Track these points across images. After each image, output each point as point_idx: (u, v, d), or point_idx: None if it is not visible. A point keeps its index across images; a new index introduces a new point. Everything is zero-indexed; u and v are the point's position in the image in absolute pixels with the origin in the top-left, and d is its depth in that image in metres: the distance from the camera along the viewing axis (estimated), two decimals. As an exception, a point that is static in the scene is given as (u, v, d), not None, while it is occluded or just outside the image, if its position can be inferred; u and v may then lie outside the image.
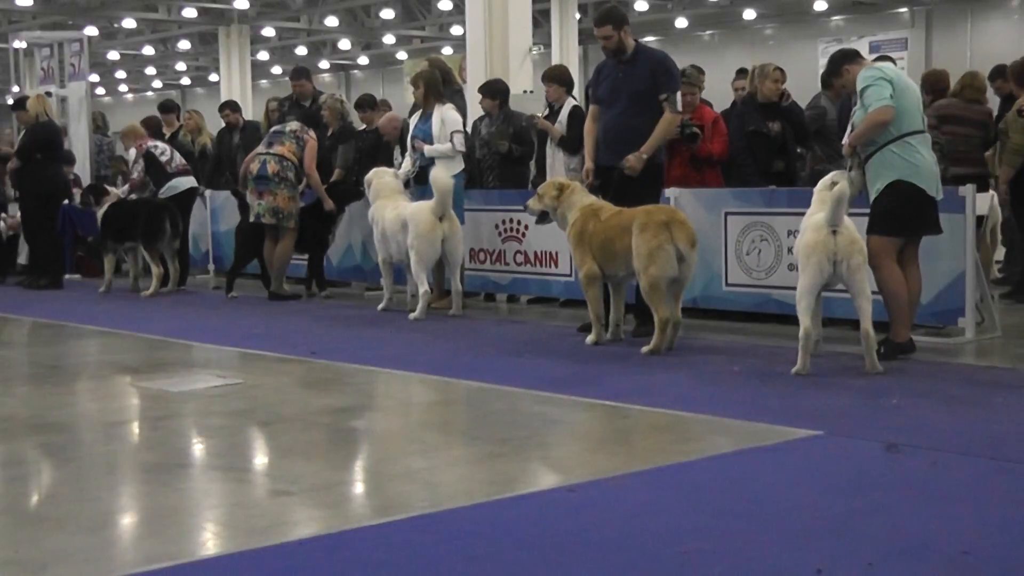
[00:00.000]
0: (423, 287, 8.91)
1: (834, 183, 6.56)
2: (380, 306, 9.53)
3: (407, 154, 9.67)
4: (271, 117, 12.09)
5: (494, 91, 10.19)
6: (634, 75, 7.80)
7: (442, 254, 9.00)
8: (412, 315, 8.88)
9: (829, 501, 3.96)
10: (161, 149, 11.65)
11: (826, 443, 4.83)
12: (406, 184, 9.62)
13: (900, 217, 6.66)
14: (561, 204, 7.70)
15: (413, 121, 9.59)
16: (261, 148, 10.55)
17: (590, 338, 7.50)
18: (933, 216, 6.76)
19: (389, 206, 9.37)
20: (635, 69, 7.81)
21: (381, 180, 9.58)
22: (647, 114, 7.71)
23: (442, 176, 8.82)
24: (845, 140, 6.90)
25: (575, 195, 7.70)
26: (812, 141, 8.98)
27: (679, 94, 7.77)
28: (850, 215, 6.49)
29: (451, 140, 9.20)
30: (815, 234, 6.28)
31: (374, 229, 9.56)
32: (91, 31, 32.98)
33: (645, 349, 7.08)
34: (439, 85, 9.47)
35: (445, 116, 9.27)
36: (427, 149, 9.22)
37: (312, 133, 10.66)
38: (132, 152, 11.79)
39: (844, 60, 7.01)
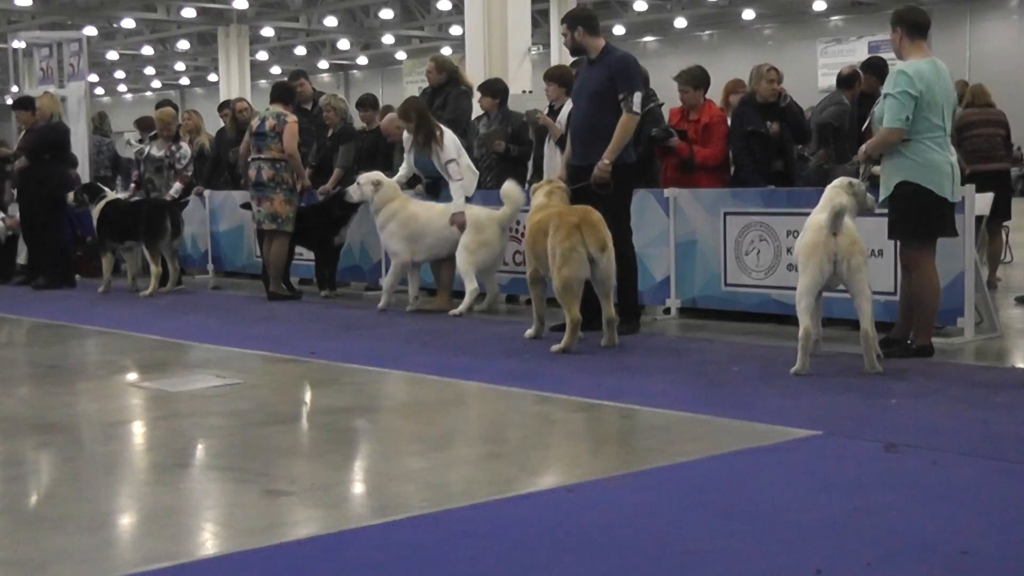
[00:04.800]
0: (472, 285, 8.96)
1: (851, 184, 6.55)
2: (409, 308, 9.34)
3: (405, 161, 9.68)
4: (239, 119, 12.07)
5: (494, 90, 10.18)
6: (596, 75, 7.87)
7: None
8: (454, 311, 8.93)
9: (828, 501, 3.96)
10: (189, 158, 11.79)
11: (825, 443, 4.83)
12: (410, 186, 9.63)
13: (912, 221, 6.63)
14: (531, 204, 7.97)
15: (408, 145, 9.55)
16: (253, 153, 10.47)
17: (529, 332, 7.74)
18: (946, 217, 6.71)
19: (414, 206, 9.28)
20: (597, 70, 7.88)
21: (384, 183, 9.41)
22: (607, 113, 7.75)
23: (516, 191, 8.77)
24: (863, 148, 6.85)
25: (535, 195, 7.88)
26: (831, 137, 9.03)
27: (638, 95, 7.76)
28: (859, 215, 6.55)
29: (447, 171, 9.16)
30: (816, 234, 6.28)
31: (391, 229, 9.33)
32: (90, 31, 33.02)
33: (555, 348, 7.16)
34: (431, 119, 9.34)
35: (440, 152, 9.18)
36: (454, 204, 9.09)
37: (292, 116, 10.56)
38: (184, 147, 11.71)
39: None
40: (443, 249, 9.24)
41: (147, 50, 44.25)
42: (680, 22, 38.19)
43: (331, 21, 38.35)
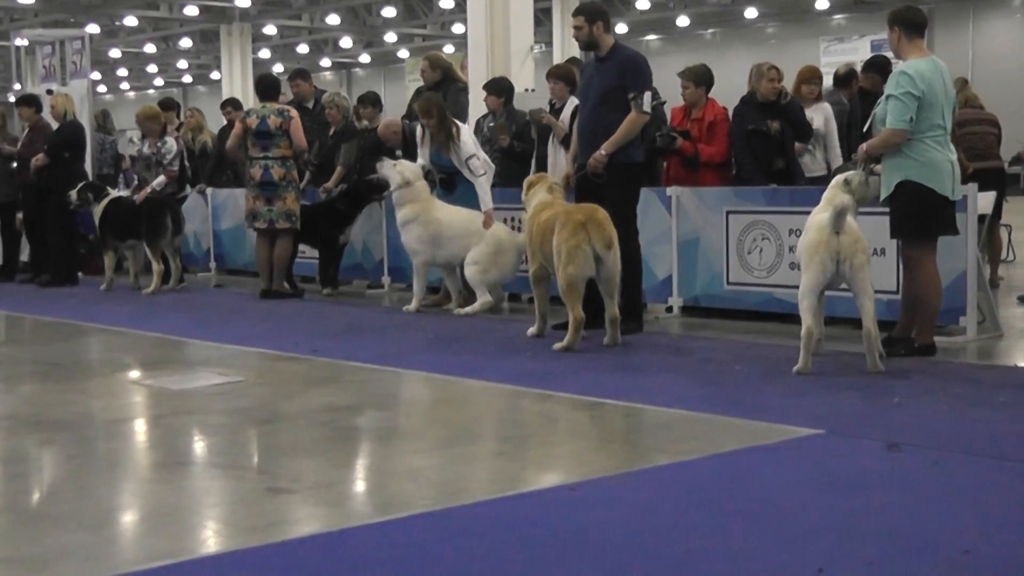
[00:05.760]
0: (485, 298, 9.00)
1: (847, 181, 6.54)
2: (410, 307, 9.26)
3: (420, 155, 9.67)
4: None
5: (499, 89, 10.17)
6: (605, 73, 7.86)
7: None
8: (462, 311, 8.98)
9: (830, 500, 3.96)
10: (174, 153, 11.80)
11: (827, 442, 4.83)
12: (428, 175, 9.63)
13: (913, 220, 6.63)
14: (527, 201, 7.91)
15: (423, 140, 9.52)
16: (257, 152, 10.45)
17: (531, 330, 7.73)
18: (947, 216, 6.71)
19: (438, 208, 9.26)
20: (607, 67, 7.86)
21: (420, 182, 9.34)
22: (616, 112, 7.74)
23: None
24: (863, 146, 6.85)
25: (534, 192, 7.87)
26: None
27: (648, 94, 7.76)
28: (861, 214, 6.54)
29: (468, 167, 9.14)
30: (818, 234, 6.27)
31: (413, 229, 9.25)
32: (93, 29, 33.01)
33: (557, 346, 7.15)
34: (449, 115, 9.32)
35: (458, 150, 9.18)
36: (484, 202, 9.07)
37: (293, 110, 10.60)
38: (169, 141, 11.54)
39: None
40: (460, 259, 9.24)
41: (149, 48, 44.23)
42: (683, 20, 38.15)
43: (333, 19, 38.32)
